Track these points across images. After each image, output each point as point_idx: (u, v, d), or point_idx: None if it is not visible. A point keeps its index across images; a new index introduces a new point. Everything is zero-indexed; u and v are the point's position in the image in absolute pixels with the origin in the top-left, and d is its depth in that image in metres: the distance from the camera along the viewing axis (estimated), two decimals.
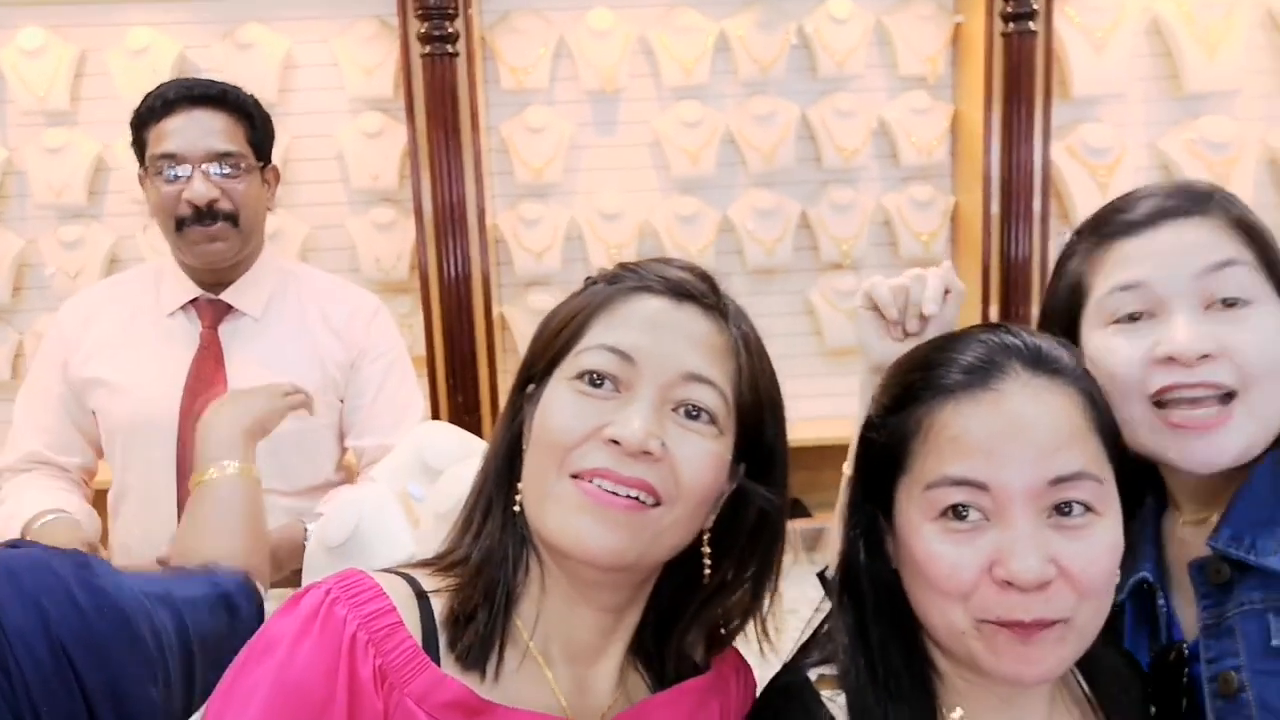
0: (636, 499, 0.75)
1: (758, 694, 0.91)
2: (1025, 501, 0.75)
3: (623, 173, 3.19)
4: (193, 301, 1.82)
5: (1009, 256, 2.96)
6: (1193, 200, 0.92)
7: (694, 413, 0.78)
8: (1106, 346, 0.92)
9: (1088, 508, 0.76)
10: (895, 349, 1.04)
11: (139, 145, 1.75)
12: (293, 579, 1.75)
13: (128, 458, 1.84)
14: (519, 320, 3.16)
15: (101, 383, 1.82)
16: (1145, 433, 0.90)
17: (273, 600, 1.61)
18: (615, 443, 0.75)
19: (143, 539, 1.84)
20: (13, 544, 0.89)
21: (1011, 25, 2.86)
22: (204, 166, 1.70)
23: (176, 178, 1.71)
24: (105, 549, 1.82)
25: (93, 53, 3.02)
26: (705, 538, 0.82)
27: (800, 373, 3.27)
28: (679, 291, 0.80)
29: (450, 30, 2.80)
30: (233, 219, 1.75)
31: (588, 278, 0.86)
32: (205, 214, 1.72)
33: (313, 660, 0.71)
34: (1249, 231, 0.91)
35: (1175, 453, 0.90)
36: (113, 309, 1.86)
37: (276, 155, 2.96)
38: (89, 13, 3.00)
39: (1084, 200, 3.04)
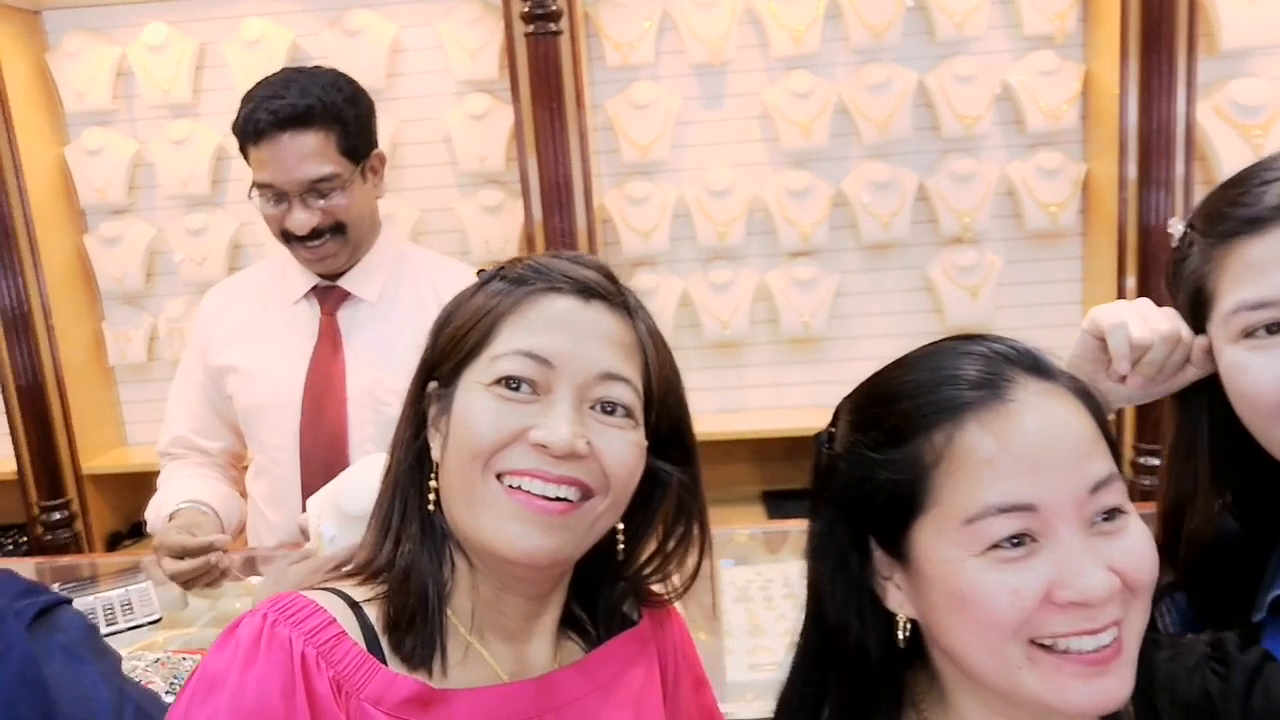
0: (567, 500, 0.78)
1: None
2: (1073, 515, 0.69)
3: (731, 147, 3.10)
4: (313, 289, 1.86)
5: (1146, 226, 2.75)
6: None
7: (610, 408, 0.81)
8: (1239, 364, 0.84)
9: (1120, 509, 0.71)
10: (1107, 387, 0.96)
11: (244, 153, 1.77)
12: None
13: (258, 440, 1.92)
14: None
15: (233, 369, 1.89)
16: None
17: None
18: (542, 446, 0.77)
19: (271, 511, 1.91)
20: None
21: None
22: (301, 196, 1.71)
23: (277, 204, 1.74)
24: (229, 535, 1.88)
25: (211, 45, 3.10)
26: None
27: None
28: (586, 290, 0.82)
29: (553, 8, 2.76)
30: (339, 230, 1.77)
31: (480, 270, 0.86)
32: (309, 235, 1.74)
33: (266, 684, 0.71)
34: None
35: None
36: (245, 298, 1.93)
37: (385, 140, 3.01)
38: (206, 6, 3.08)
39: (1233, 164, 2.80)
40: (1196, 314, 0.89)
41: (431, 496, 0.83)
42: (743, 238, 3.06)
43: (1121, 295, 2.82)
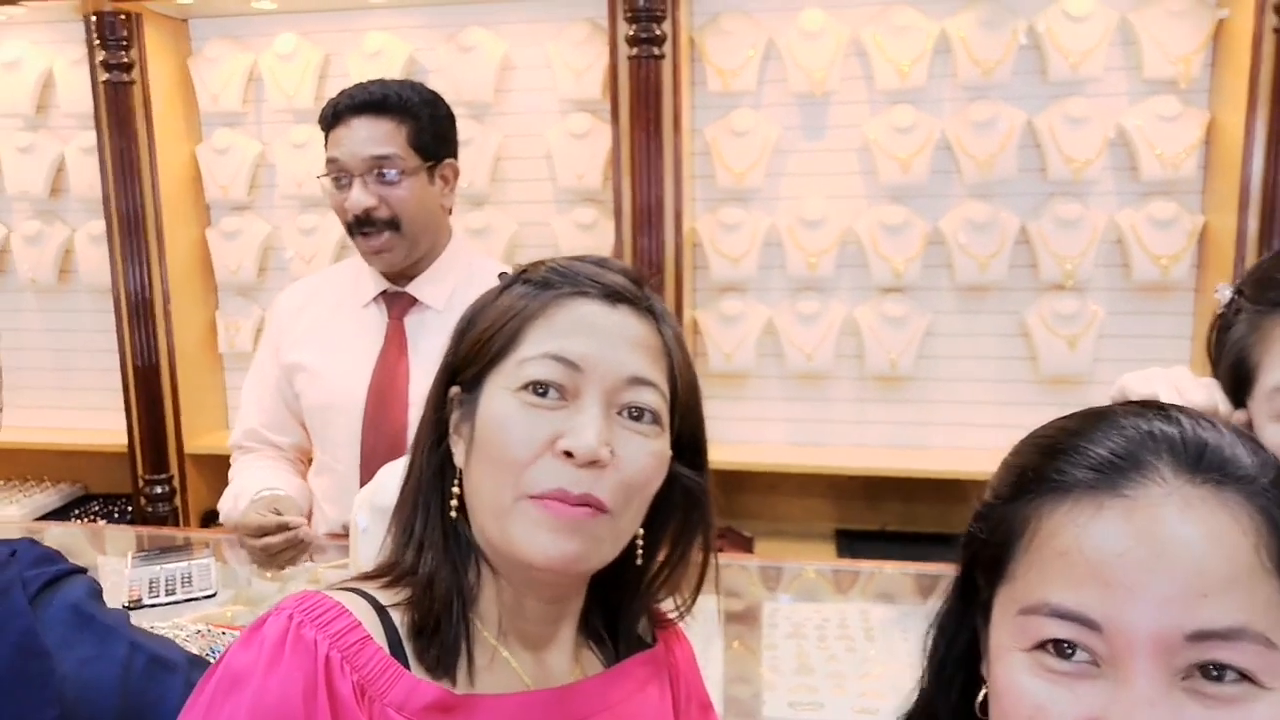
0: (591, 505, 0.78)
1: None
2: (1152, 655, 0.56)
3: (828, 179, 3.06)
4: (383, 293, 1.92)
5: None
6: None
7: (637, 414, 0.80)
8: (1273, 443, 0.74)
9: (1246, 677, 0.56)
10: None
11: (326, 146, 1.86)
12: None
13: (322, 438, 1.98)
14: (710, 325, 3.11)
15: (303, 367, 1.96)
16: None
17: None
18: (568, 454, 0.76)
19: (330, 507, 1.97)
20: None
21: None
22: (363, 174, 1.78)
23: (341, 186, 1.81)
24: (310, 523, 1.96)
25: (335, 56, 3.26)
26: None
27: (1010, 400, 3.02)
28: (613, 295, 0.82)
29: (658, 32, 2.80)
30: (394, 224, 1.81)
31: (502, 273, 0.86)
32: (366, 222, 1.80)
33: (288, 684, 0.71)
34: None
35: None
36: (319, 299, 2.01)
37: (489, 154, 3.12)
38: (333, 19, 3.24)
39: None
40: (1238, 386, 0.83)
41: (454, 503, 0.83)
42: (833, 270, 3.02)
43: None
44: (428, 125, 1.83)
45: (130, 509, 3.42)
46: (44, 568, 0.95)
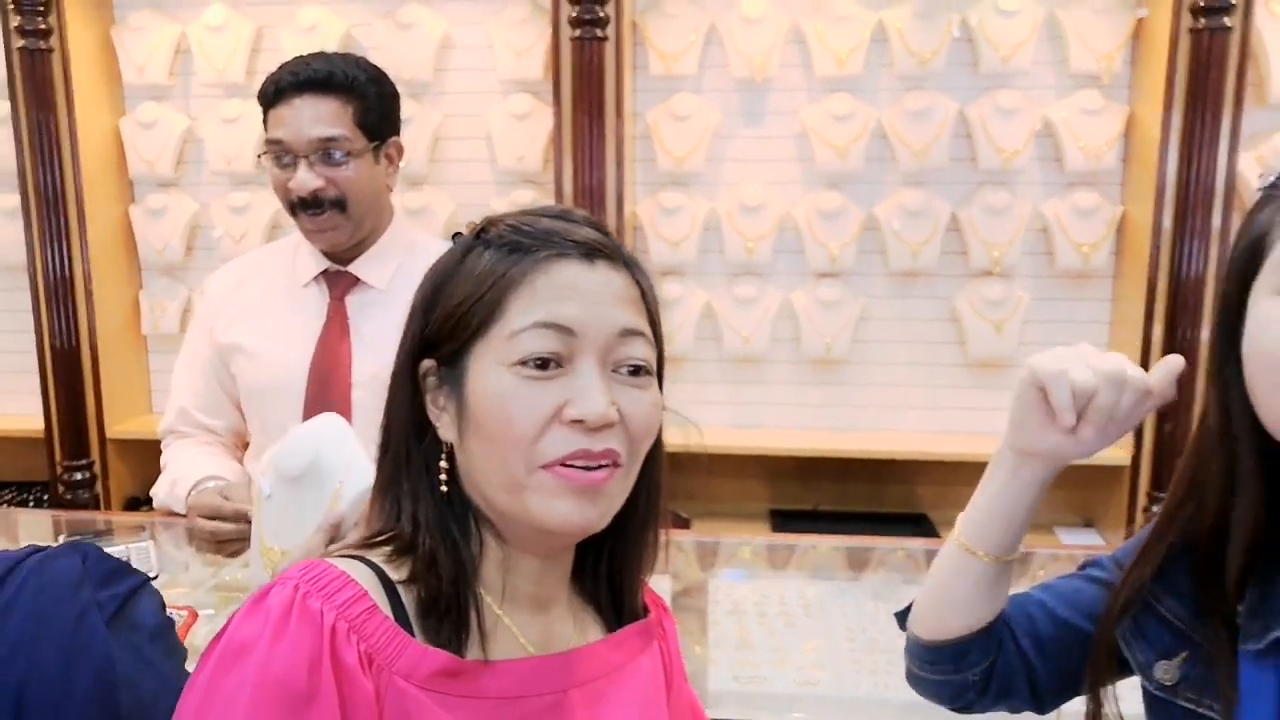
0: (608, 466, 0.78)
1: None
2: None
3: (767, 164, 3.11)
4: (323, 273, 1.88)
5: (1179, 275, 2.71)
6: None
7: (634, 369, 0.81)
8: (1271, 317, 0.76)
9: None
10: (1057, 440, 0.86)
11: (265, 124, 1.81)
12: None
13: (260, 421, 1.94)
14: None
15: (240, 348, 1.91)
16: None
17: None
18: (579, 421, 0.76)
19: None
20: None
21: (1203, 20, 2.61)
22: (309, 155, 1.74)
23: (284, 165, 1.76)
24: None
25: (268, 29, 3.18)
26: None
27: (941, 383, 3.12)
28: (590, 251, 0.81)
29: (601, 14, 2.80)
30: (340, 205, 1.78)
31: (454, 234, 0.85)
32: (311, 203, 1.76)
33: (294, 654, 0.71)
34: None
35: None
36: (256, 278, 1.95)
37: (427, 133, 3.08)
38: None
39: None
40: (1249, 265, 0.80)
41: (443, 477, 0.82)
42: (770, 255, 3.07)
43: (1148, 343, 2.79)
44: (374, 104, 1.79)
45: (46, 496, 3.29)
46: (116, 587, 0.94)
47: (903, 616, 1.07)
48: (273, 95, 1.76)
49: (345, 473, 1.35)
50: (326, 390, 1.85)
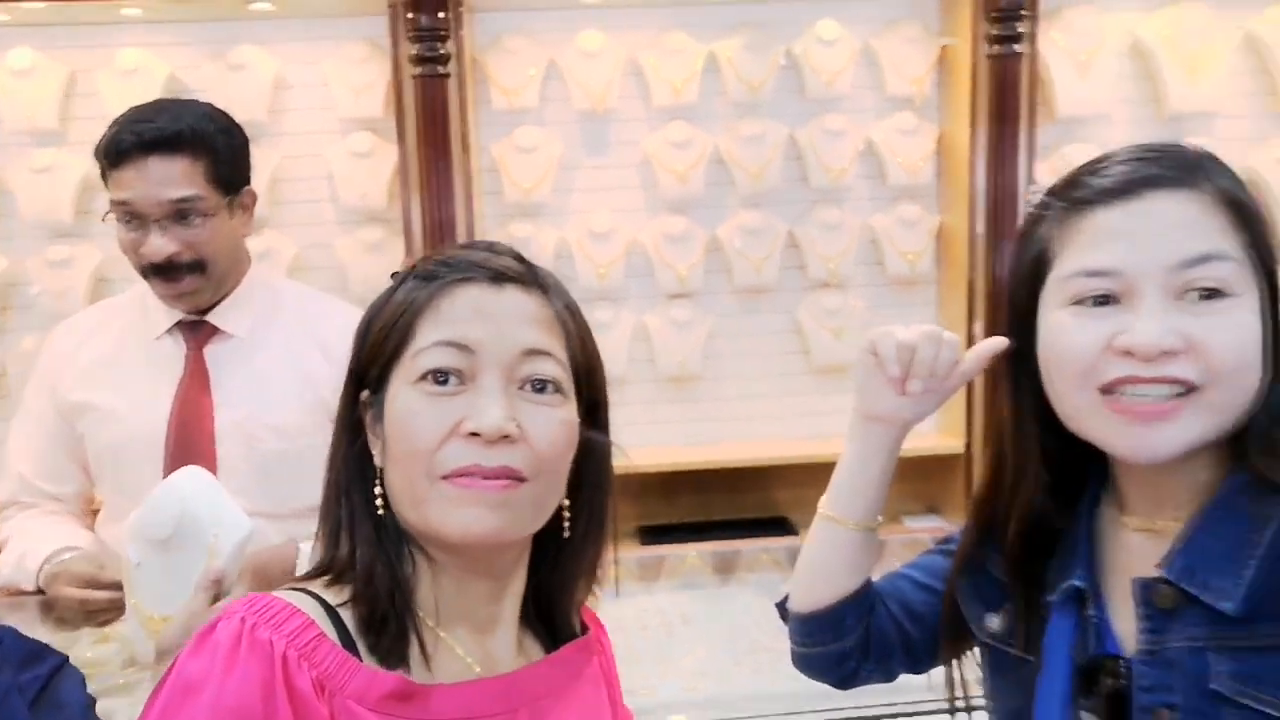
0: (508, 476, 0.79)
1: None
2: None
3: (612, 193, 3.20)
4: (178, 324, 1.81)
5: (994, 275, 2.98)
6: (1179, 168, 0.85)
7: (540, 386, 0.82)
8: (1062, 326, 0.86)
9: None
10: (894, 403, 1.01)
11: (104, 177, 1.71)
12: None
13: (117, 482, 1.84)
14: None
15: (89, 406, 1.80)
16: (1090, 421, 0.86)
17: None
18: (475, 435, 0.78)
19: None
20: None
21: (997, 48, 2.90)
22: (160, 220, 1.67)
23: (134, 228, 1.68)
24: None
25: (83, 74, 3.02)
26: (562, 494, 0.87)
27: (788, 391, 3.29)
28: (498, 276, 0.83)
29: (442, 51, 2.82)
30: (198, 267, 1.71)
31: (394, 273, 0.88)
32: (167, 268, 1.69)
33: (247, 684, 0.72)
34: (1239, 210, 0.83)
35: (1118, 439, 0.85)
36: (102, 333, 1.85)
37: (265, 175, 3.01)
38: (79, 35, 3.00)
39: None
40: (1034, 277, 0.91)
41: (379, 501, 0.84)
42: (622, 279, 3.16)
43: (970, 339, 3.04)
44: (226, 156, 1.71)
45: None
46: (37, 668, 0.91)
47: (782, 607, 1.16)
48: (115, 156, 1.67)
49: (217, 526, 1.32)
50: (188, 445, 1.79)
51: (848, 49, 3.08)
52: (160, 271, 1.68)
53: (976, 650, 1.07)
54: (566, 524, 0.88)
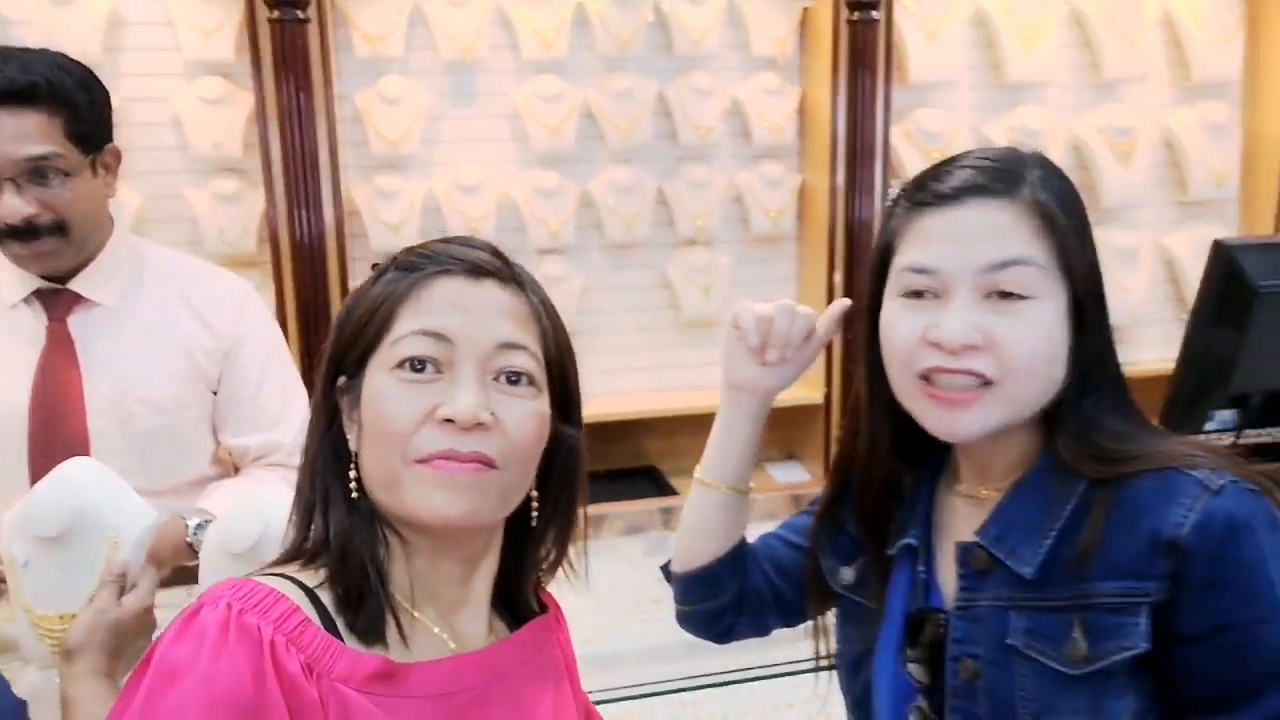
0: (481, 460, 0.83)
1: None
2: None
3: (481, 145, 3.15)
4: (36, 292, 1.68)
5: (852, 228, 3.14)
6: (1003, 178, 0.95)
7: (514, 378, 0.85)
8: (892, 318, 0.98)
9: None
10: (755, 372, 1.12)
11: None
12: (176, 576, 1.67)
13: None
14: None
15: None
16: (911, 402, 0.98)
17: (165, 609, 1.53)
18: (450, 421, 0.81)
19: None
20: None
21: (855, 13, 3.01)
22: (15, 179, 1.54)
23: None
24: None
25: None
26: (531, 484, 0.91)
27: (658, 344, 3.36)
28: (476, 270, 0.86)
29: None
30: (60, 229, 1.59)
31: (375, 264, 0.91)
32: (25, 230, 1.57)
33: (237, 669, 0.73)
34: (1049, 220, 0.93)
35: (930, 420, 0.96)
36: None
37: None
38: None
39: None
40: (883, 264, 1.02)
41: (353, 485, 0.85)
42: (493, 233, 3.12)
43: (831, 291, 3.20)
44: (86, 112, 1.58)
45: None
46: None
47: (666, 569, 1.26)
48: None
49: (119, 517, 1.28)
50: (55, 423, 1.67)
51: (714, 8, 3.12)
52: (16, 234, 1.55)
53: None
54: (534, 513, 0.92)
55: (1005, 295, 0.92)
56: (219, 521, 1.38)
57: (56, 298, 1.67)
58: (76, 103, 1.56)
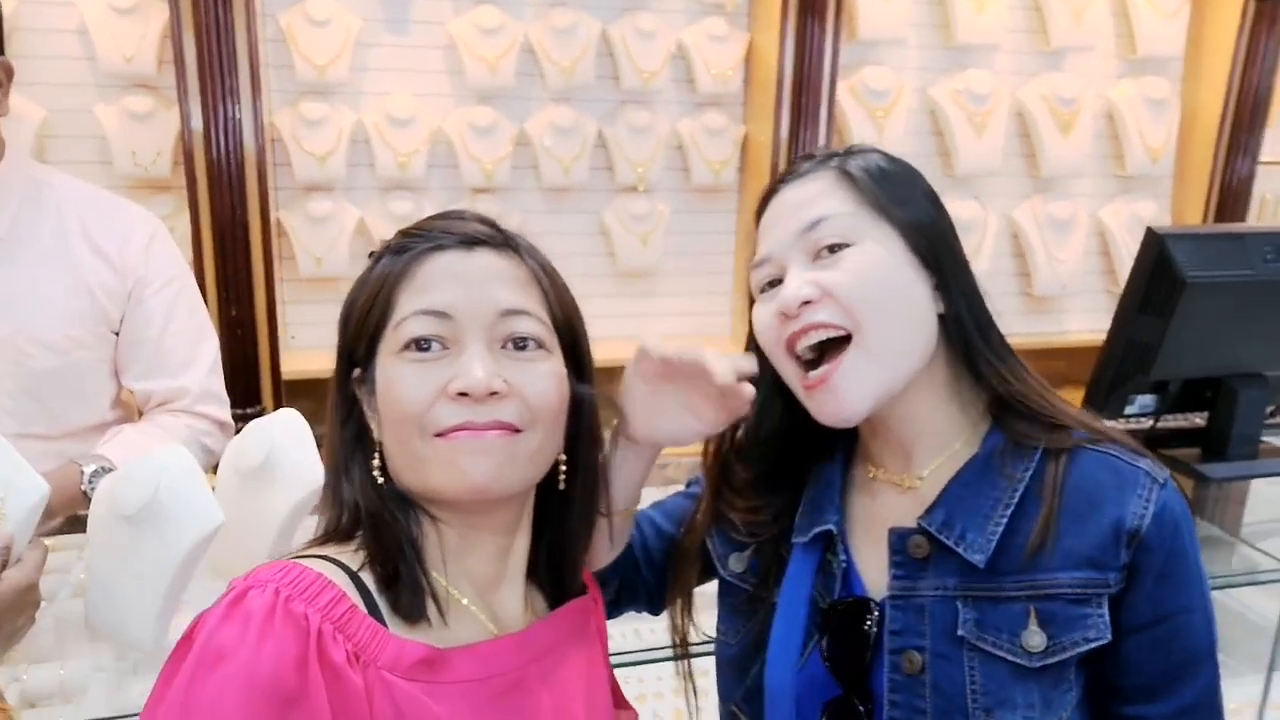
0: (502, 426, 0.82)
1: None
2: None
3: (415, 75, 3.01)
4: None
5: None
6: (815, 161, 0.98)
7: (522, 343, 0.84)
8: (755, 316, 0.99)
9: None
10: (673, 425, 0.96)
11: None
12: (65, 527, 1.57)
13: None
14: (299, 228, 2.94)
15: None
16: (799, 394, 0.96)
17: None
18: (464, 395, 0.80)
19: None
20: None
21: None
22: None
23: None
24: None
25: None
26: (560, 447, 0.89)
27: (593, 292, 3.24)
28: (469, 240, 0.85)
29: None
30: None
31: (372, 252, 0.90)
32: None
33: (281, 655, 0.72)
34: (853, 180, 0.95)
35: (815, 410, 0.94)
36: None
37: None
38: None
39: (861, 139, 3.20)
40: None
41: (376, 473, 0.85)
42: (424, 170, 3.00)
43: None
44: None
45: None
46: None
47: None
48: None
49: (5, 488, 1.19)
50: None
51: None
52: None
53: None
54: (562, 478, 0.90)
55: (832, 249, 0.93)
56: (108, 480, 1.28)
57: None
58: None
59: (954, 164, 3.34)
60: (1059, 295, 3.56)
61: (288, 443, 1.39)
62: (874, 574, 0.97)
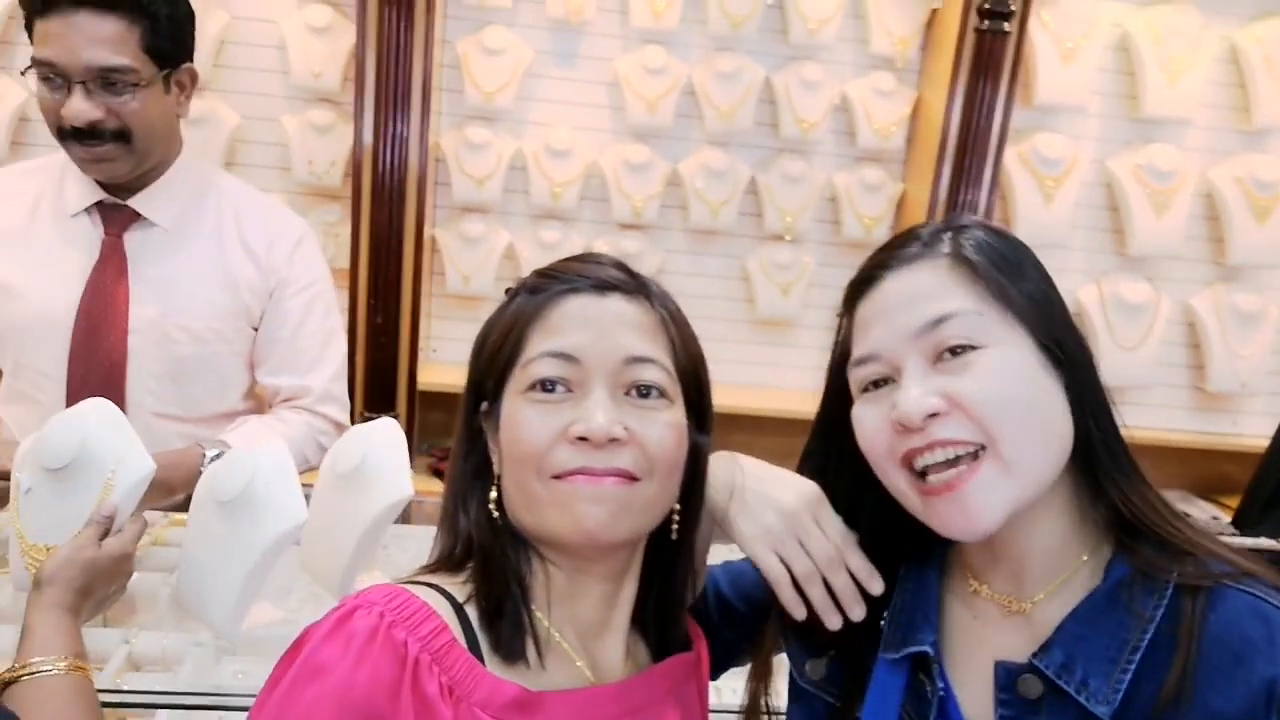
0: (621, 474, 0.82)
1: None
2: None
3: (577, 109, 3.08)
4: (97, 204, 1.68)
5: None
6: (921, 242, 0.88)
7: (645, 391, 0.84)
8: (858, 418, 0.89)
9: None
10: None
11: (29, 29, 1.56)
12: (185, 505, 1.66)
13: (14, 364, 1.73)
14: (452, 245, 3.05)
15: None
16: (911, 503, 0.86)
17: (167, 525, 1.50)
18: (583, 439, 0.80)
19: (26, 440, 1.73)
20: None
21: (987, 22, 2.83)
22: (85, 82, 1.52)
23: (55, 87, 1.54)
24: None
25: None
26: (675, 497, 0.89)
27: (728, 338, 3.25)
28: (602, 285, 0.86)
29: None
30: (123, 136, 1.57)
31: (508, 289, 0.91)
32: (88, 133, 1.54)
33: (375, 680, 0.74)
34: (974, 268, 0.84)
35: (934, 521, 0.84)
36: (15, 202, 1.71)
37: (210, 34, 2.82)
38: None
39: (1027, 209, 3.06)
40: (841, 373, 0.93)
41: (492, 506, 0.86)
42: (576, 201, 3.06)
43: None
44: (165, 26, 1.57)
45: None
46: None
47: None
48: (40, 3, 1.52)
49: (117, 462, 1.27)
50: (96, 334, 1.68)
51: None
52: (79, 136, 1.55)
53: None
54: (675, 528, 0.89)
55: (955, 352, 0.83)
56: (212, 466, 1.35)
57: (116, 213, 1.68)
58: (157, 15, 1.55)
59: (1128, 242, 3.13)
60: (1236, 394, 3.26)
61: (384, 451, 1.43)
62: (975, 707, 0.86)
